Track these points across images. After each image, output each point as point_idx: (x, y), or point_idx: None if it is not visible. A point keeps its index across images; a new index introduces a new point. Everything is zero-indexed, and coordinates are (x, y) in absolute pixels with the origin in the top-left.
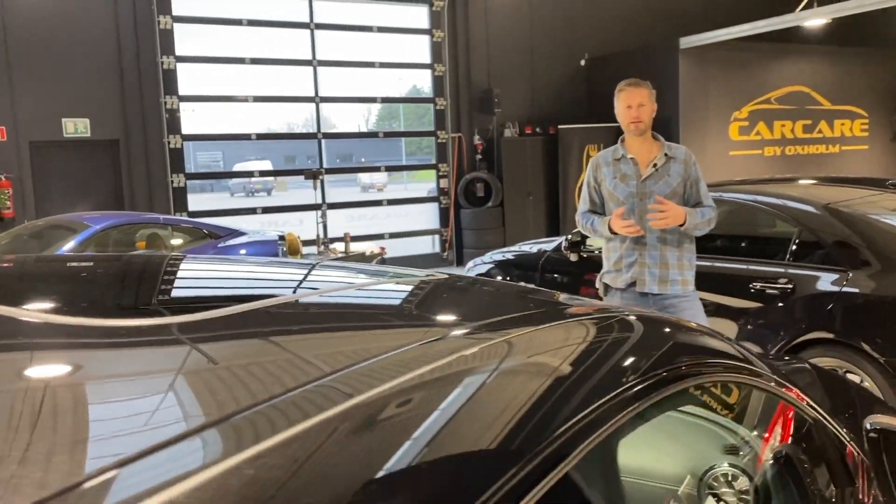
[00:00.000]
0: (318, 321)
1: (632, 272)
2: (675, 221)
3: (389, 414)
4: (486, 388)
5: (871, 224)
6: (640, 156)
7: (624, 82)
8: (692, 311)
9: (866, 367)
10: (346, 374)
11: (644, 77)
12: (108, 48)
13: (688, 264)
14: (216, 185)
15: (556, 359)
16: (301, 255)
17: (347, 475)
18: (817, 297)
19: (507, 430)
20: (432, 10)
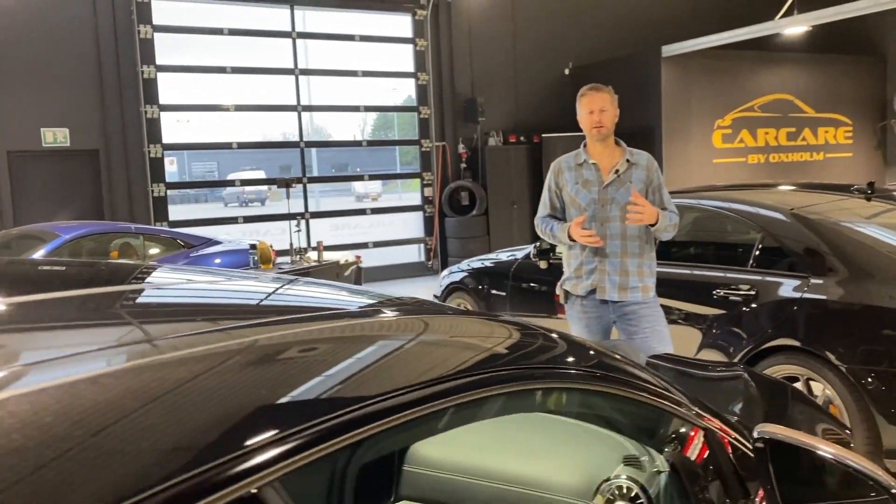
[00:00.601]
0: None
1: (592, 279)
2: (649, 220)
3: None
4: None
5: (833, 230)
6: (603, 161)
7: (586, 87)
8: (652, 318)
9: (827, 374)
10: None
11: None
12: (88, 57)
13: (648, 271)
14: (210, 195)
15: (321, 355)
16: (273, 265)
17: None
18: (779, 303)
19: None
20: (415, 19)
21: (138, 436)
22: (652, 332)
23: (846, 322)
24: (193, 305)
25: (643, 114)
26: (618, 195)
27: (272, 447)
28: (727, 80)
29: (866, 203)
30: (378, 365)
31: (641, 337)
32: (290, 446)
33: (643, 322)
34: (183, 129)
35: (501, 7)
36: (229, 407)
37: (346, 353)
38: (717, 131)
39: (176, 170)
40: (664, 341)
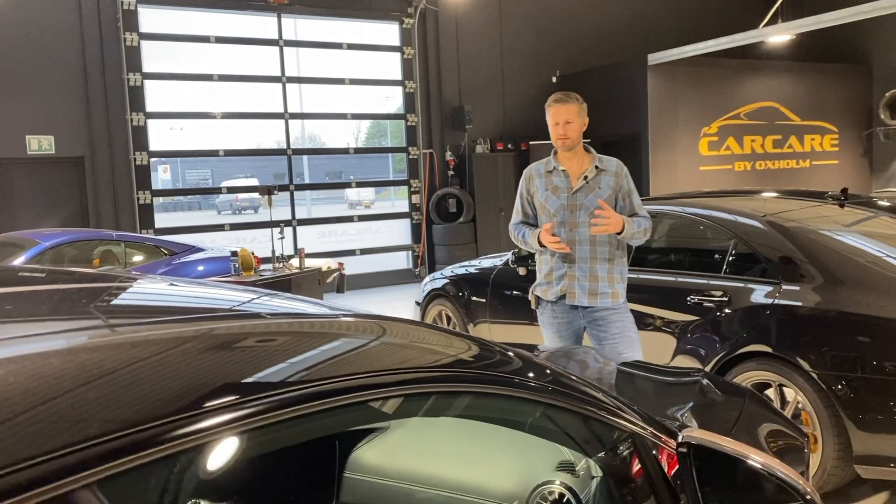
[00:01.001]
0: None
1: (562, 285)
2: (615, 228)
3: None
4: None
5: (805, 236)
6: (572, 168)
7: (553, 97)
8: (622, 324)
9: (798, 380)
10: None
11: (614, 93)
12: (74, 65)
13: (618, 277)
14: (204, 202)
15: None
16: (254, 272)
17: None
18: (751, 309)
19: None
20: (403, 27)
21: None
22: (621, 338)
23: (817, 328)
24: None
25: (630, 121)
26: (587, 201)
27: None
28: (713, 87)
29: (840, 210)
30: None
31: (611, 343)
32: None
33: (612, 327)
34: (174, 137)
35: (489, 16)
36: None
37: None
38: (703, 139)
39: (170, 177)
40: (633, 347)
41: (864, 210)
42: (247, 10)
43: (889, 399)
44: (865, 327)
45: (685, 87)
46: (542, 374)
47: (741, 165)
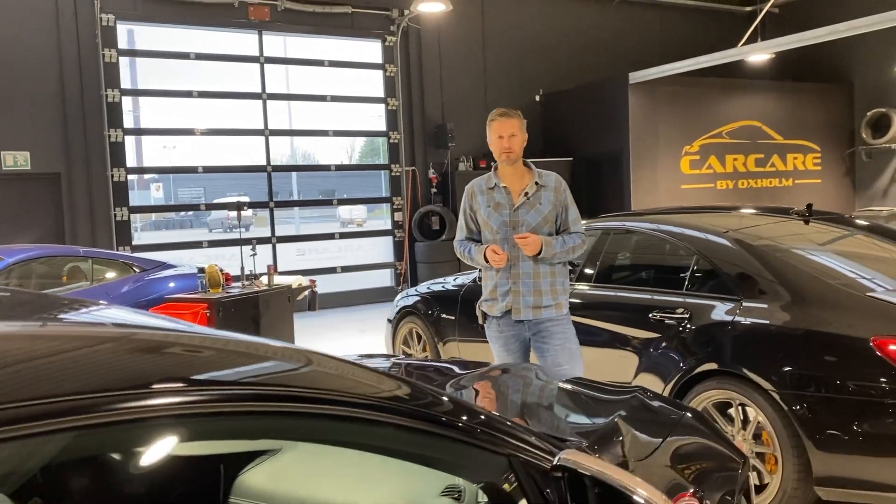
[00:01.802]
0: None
1: (507, 301)
2: (532, 251)
3: None
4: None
5: (766, 252)
6: (513, 185)
7: (495, 112)
8: (563, 335)
9: (758, 399)
10: None
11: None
12: (51, 80)
13: (561, 289)
14: (196, 220)
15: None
16: (222, 289)
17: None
18: (711, 327)
19: None
20: (385, 45)
21: None
22: (562, 350)
23: (777, 346)
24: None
25: (611, 140)
26: (528, 217)
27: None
28: (695, 106)
29: (804, 226)
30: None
31: (551, 354)
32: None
33: (554, 339)
34: (166, 153)
35: (472, 35)
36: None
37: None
38: (685, 157)
39: (162, 195)
40: (574, 358)
41: (828, 226)
42: (228, 26)
43: (850, 419)
44: (826, 345)
45: (666, 106)
46: (404, 398)
47: (723, 184)
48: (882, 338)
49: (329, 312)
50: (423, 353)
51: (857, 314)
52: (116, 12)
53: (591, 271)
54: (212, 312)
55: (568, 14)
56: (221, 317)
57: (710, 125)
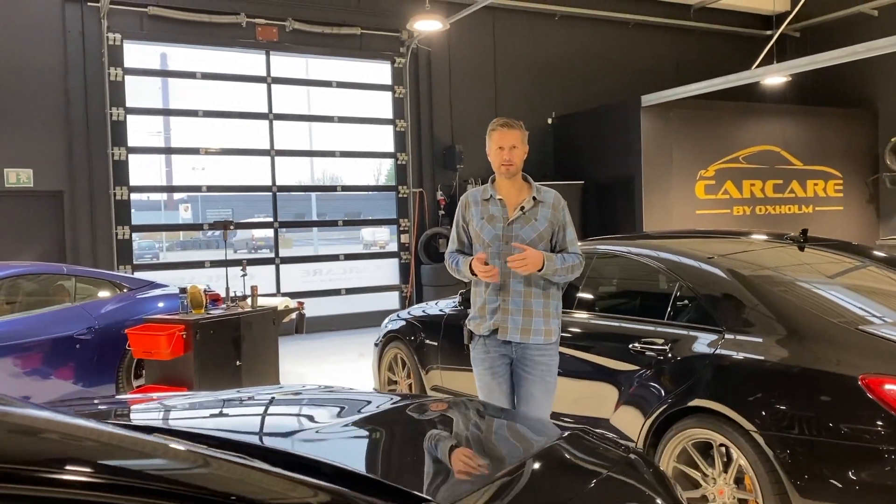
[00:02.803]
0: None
1: (494, 319)
2: (533, 267)
3: None
4: None
5: (751, 280)
6: (509, 198)
7: (496, 122)
8: (545, 367)
9: (739, 440)
10: None
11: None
12: (56, 98)
13: (553, 313)
14: (222, 241)
15: None
16: (205, 309)
17: None
18: (691, 360)
19: None
20: (394, 66)
21: None
22: (539, 382)
23: (760, 383)
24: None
25: (623, 163)
26: (522, 232)
27: None
28: (710, 130)
29: (799, 252)
30: None
31: (528, 384)
32: None
33: (536, 369)
34: (194, 174)
35: (482, 56)
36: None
37: None
38: (699, 182)
39: (191, 216)
40: (548, 392)
41: (826, 253)
42: (235, 47)
43: (837, 465)
44: (813, 383)
45: (680, 130)
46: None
47: (740, 210)
48: (871, 376)
49: (332, 335)
50: (407, 380)
51: (847, 350)
52: (123, 31)
53: (573, 297)
54: (188, 334)
55: (582, 36)
56: (199, 338)
57: (726, 149)
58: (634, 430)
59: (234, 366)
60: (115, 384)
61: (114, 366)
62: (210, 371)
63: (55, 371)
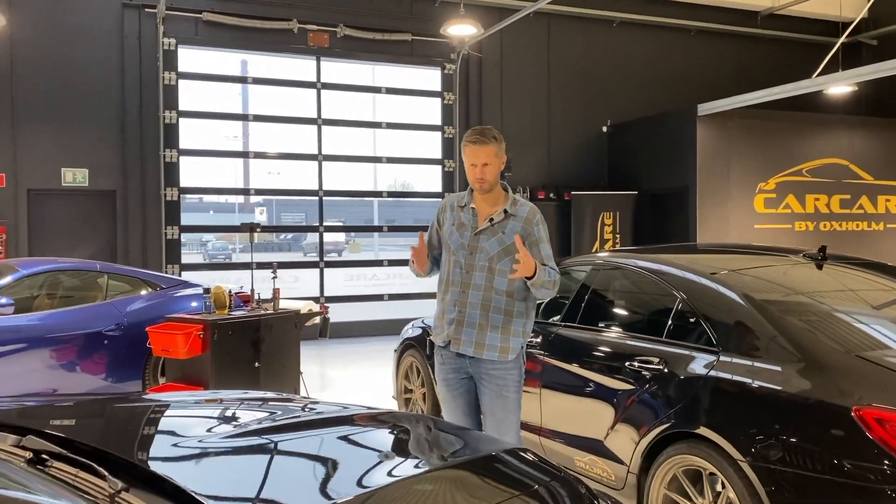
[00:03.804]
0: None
1: (450, 329)
2: (526, 272)
3: None
4: None
5: (750, 298)
6: (483, 208)
7: (469, 137)
8: (503, 381)
9: (728, 471)
10: None
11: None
12: (112, 101)
13: (515, 330)
14: (294, 244)
15: None
16: (228, 310)
17: None
18: (684, 381)
19: None
20: (444, 72)
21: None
22: (497, 397)
23: (752, 409)
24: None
25: (678, 173)
26: (487, 245)
27: None
28: (771, 141)
29: (815, 270)
30: None
31: (486, 399)
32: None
33: (492, 384)
34: (271, 178)
35: (536, 64)
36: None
37: None
38: (759, 195)
39: (266, 219)
40: (508, 409)
41: (847, 271)
42: (286, 52)
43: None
44: (808, 413)
45: (739, 140)
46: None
47: (802, 225)
48: (865, 408)
49: (372, 340)
50: (421, 388)
51: (846, 378)
52: (178, 36)
53: (575, 310)
54: (206, 334)
55: (640, 42)
56: (217, 339)
57: (788, 162)
58: (627, 453)
59: (252, 367)
60: (142, 381)
61: (140, 363)
62: (227, 372)
63: (83, 366)
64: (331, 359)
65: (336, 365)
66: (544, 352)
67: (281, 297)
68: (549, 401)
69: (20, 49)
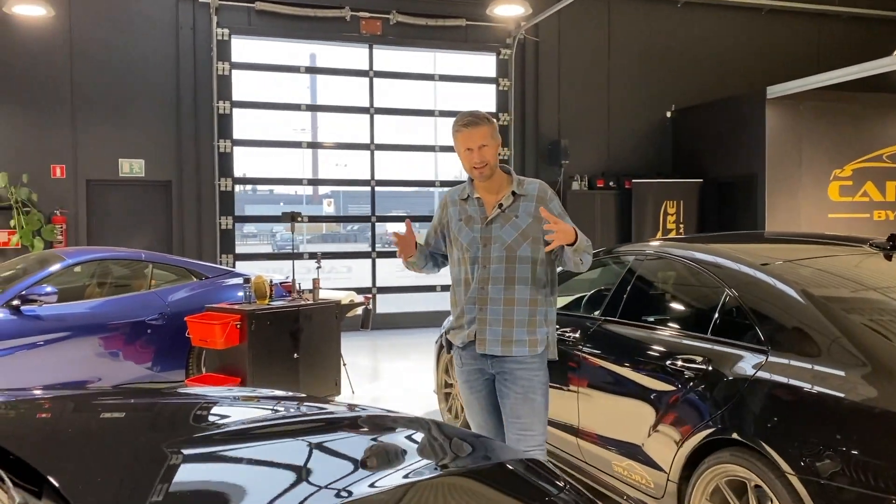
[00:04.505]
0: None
1: (471, 329)
2: (566, 239)
3: None
4: None
5: (806, 292)
6: (488, 196)
7: (459, 120)
8: (528, 382)
9: (775, 484)
10: None
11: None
12: (168, 92)
13: (541, 321)
14: (360, 235)
15: None
16: (269, 300)
17: None
18: (729, 383)
19: None
20: (500, 58)
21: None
22: (523, 400)
23: (804, 417)
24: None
25: (745, 160)
26: (502, 233)
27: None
28: (847, 125)
29: (883, 262)
30: None
31: (510, 403)
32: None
33: (516, 385)
34: (337, 170)
35: (595, 47)
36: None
37: None
38: (833, 182)
39: (333, 210)
40: (535, 413)
41: None
42: (339, 40)
43: None
44: (870, 424)
45: (812, 124)
46: None
47: (882, 214)
48: None
49: (424, 331)
50: None
51: None
52: (231, 27)
53: (616, 303)
54: (243, 324)
55: (707, 23)
56: (254, 329)
57: (866, 147)
58: (666, 459)
59: (291, 358)
60: (186, 370)
61: (184, 352)
62: (265, 363)
63: (126, 354)
64: (381, 350)
65: (385, 356)
66: (582, 347)
67: (323, 288)
68: (587, 400)
69: (79, 43)
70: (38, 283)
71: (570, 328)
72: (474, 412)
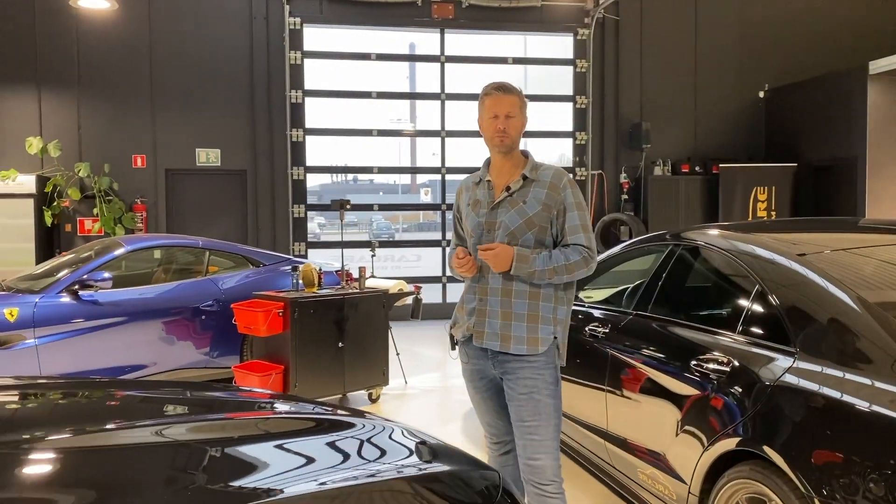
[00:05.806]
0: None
1: (471, 321)
2: (499, 267)
3: None
4: None
5: (850, 287)
6: (499, 178)
7: (490, 85)
8: (532, 383)
9: (790, 499)
10: None
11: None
12: (242, 83)
13: (546, 317)
14: (430, 224)
15: None
16: (318, 288)
17: None
18: (751, 388)
19: None
20: (577, 38)
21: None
22: (527, 401)
23: (829, 430)
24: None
25: (844, 143)
26: (507, 218)
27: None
28: None
29: None
30: None
31: (515, 404)
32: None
33: (519, 384)
34: (434, 159)
35: (681, 24)
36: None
37: None
38: None
39: (430, 199)
40: (542, 415)
41: None
42: (410, 26)
43: None
44: None
45: None
46: None
47: None
48: None
49: None
50: None
51: None
52: (303, 16)
53: (648, 296)
54: (286, 312)
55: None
56: (297, 317)
57: None
58: (687, 470)
59: (336, 348)
60: (240, 357)
61: (238, 339)
62: (309, 351)
63: (181, 340)
64: (442, 340)
65: (443, 347)
66: (610, 344)
67: (375, 276)
68: (614, 401)
69: (157, 36)
70: (96, 269)
71: (601, 323)
72: (481, 412)
